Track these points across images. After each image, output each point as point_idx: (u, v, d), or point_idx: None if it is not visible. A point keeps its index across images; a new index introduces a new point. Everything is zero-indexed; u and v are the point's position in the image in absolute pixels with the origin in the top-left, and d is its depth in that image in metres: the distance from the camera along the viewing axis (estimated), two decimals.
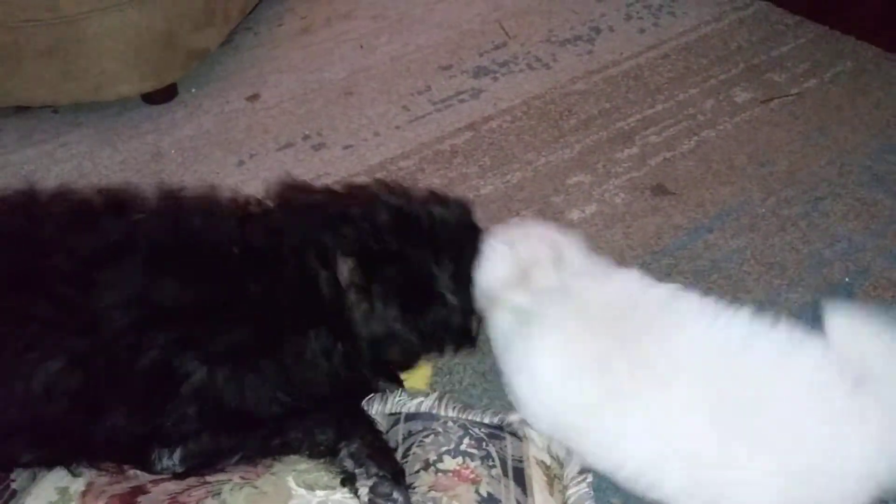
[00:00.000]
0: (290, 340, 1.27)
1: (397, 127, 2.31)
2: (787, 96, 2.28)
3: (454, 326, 1.40)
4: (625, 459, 1.20)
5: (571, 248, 1.35)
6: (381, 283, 1.32)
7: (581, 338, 1.22)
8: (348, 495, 1.20)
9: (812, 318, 1.65)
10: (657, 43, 2.56)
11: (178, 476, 1.21)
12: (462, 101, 2.38)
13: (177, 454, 1.22)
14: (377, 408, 1.40)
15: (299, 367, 1.27)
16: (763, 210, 1.94)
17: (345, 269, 1.31)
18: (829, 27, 2.54)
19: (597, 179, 2.07)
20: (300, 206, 1.40)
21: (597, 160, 2.13)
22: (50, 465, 1.24)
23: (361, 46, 2.66)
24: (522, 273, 1.30)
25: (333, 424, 1.26)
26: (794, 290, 1.75)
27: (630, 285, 1.29)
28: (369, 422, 1.30)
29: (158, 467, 1.22)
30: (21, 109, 2.41)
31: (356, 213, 1.36)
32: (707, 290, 1.65)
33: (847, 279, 1.77)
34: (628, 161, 2.12)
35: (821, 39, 2.50)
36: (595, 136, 2.21)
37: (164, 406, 1.20)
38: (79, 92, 2.31)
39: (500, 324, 1.34)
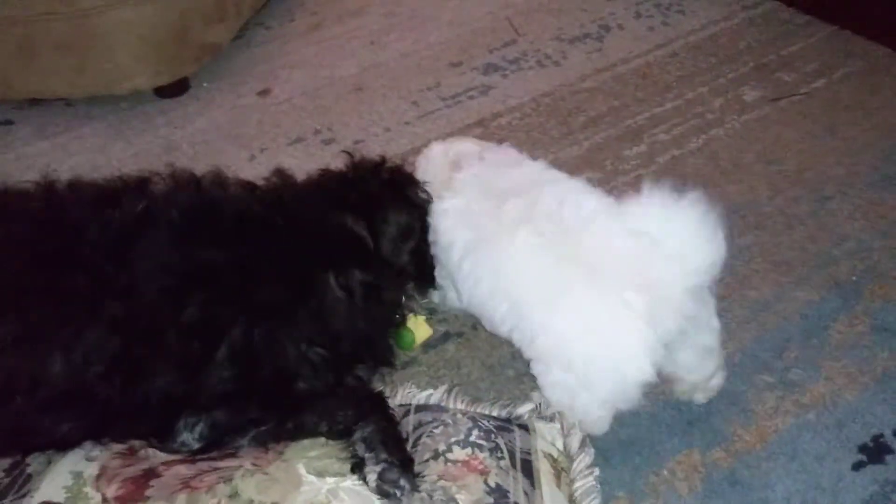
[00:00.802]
0: (314, 286, 1.37)
1: (407, 123, 2.32)
2: (796, 95, 2.29)
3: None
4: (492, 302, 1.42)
5: (493, 149, 1.61)
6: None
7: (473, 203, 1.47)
8: (358, 482, 1.21)
9: (819, 316, 1.70)
10: (666, 41, 2.57)
11: (192, 454, 1.25)
12: (471, 97, 2.40)
13: (199, 427, 1.26)
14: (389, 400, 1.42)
15: (326, 310, 1.36)
16: (770, 208, 1.95)
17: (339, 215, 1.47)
18: (839, 27, 2.55)
19: (605, 176, 2.09)
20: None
21: (605, 157, 2.15)
22: (82, 438, 1.27)
23: (372, 43, 2.68)
24: (453, 164, 1.55)
25: (353, 406, 1.29)
26: (801, 289, 1.76)
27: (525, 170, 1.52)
28: (385, 408, 1.33)
29: (179, 440, 1.26)
30: (35, 102, 2.44)
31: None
32: (713, 288, 1.68)
33: (854, 277, 1.78)
34: (636, 158, 2.13)
35: (830, 39, 2.51)
36: (604, 133, 2.23)
37: (201, 367, 1.26)
38: (92, 85, 2.34)
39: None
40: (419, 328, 1.66)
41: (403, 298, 1.60)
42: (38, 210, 1.34)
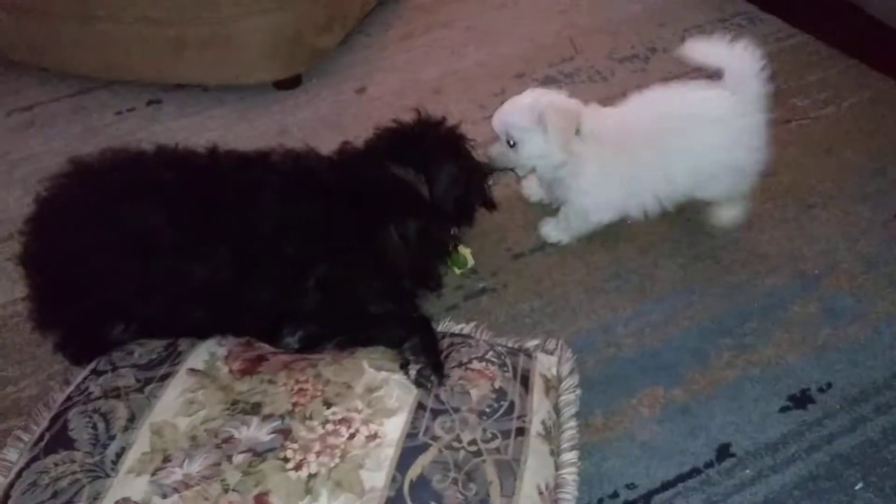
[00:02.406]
0: (378, 234, 1.85)
1: (473, 122, 2.78)
2: (805, 119, 2.68)
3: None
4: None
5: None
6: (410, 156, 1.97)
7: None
8: (403, 377, 1.73)
9: (780, 298, 2.11)
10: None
11: (291, 351, 1.78)
12: None
13: (298, 334, 1.79)
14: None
15: (387, 253, 1.86)
16: (761, 211, 2.36)
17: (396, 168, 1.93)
18: (859, 60, 2.90)
19: None
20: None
21: None
22: (213, 326, 1.81)
23: (453, 52, 3.16)
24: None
25: (406, 325, 1.81)
26: (770, 276, 2.18)
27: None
28: (429, 328, 1.83)
29: (283, 342, 1.79)
30: (179, 87, 3.01)
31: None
32: (699, 271, 2.13)
33: (817, 271, 2.18)
34: None
35: (847, 70, 2.87)
36: None
37: (295, 291, 1.78)
38: (226, 76, 2.90)
39: None
40: (467, 254, 2.20)
41: (452, 233, 2.08)
42: (203, 164, 1.86)
